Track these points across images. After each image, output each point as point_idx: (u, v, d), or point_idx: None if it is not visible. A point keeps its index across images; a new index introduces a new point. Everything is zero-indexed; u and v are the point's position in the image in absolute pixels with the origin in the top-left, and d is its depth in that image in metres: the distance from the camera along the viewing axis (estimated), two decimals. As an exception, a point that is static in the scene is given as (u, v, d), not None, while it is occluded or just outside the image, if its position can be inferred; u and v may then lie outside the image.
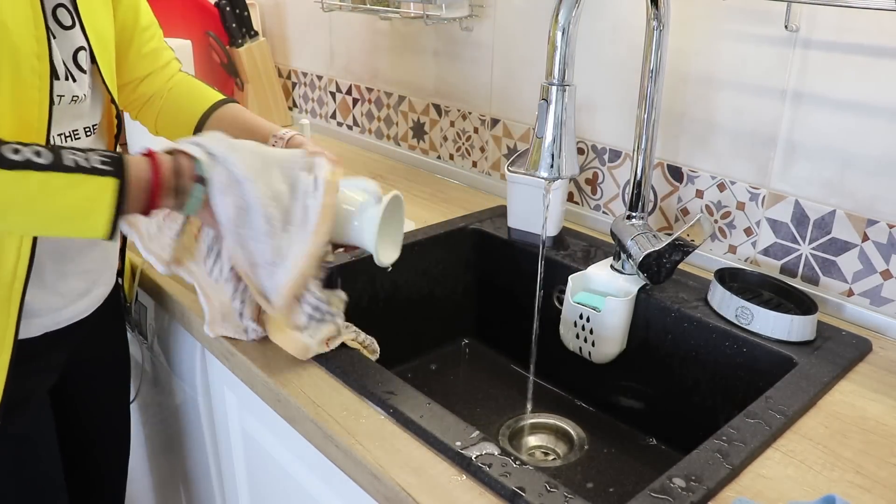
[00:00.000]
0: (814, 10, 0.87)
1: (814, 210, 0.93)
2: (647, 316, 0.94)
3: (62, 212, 0.65)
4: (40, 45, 0.71)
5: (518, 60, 1.23)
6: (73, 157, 0.64)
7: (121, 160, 0.66)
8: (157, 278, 0.98)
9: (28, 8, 0.70)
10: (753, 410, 0.71)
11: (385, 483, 0.64)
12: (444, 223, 1.16)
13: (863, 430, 0.71)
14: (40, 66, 0.71)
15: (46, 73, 0.72)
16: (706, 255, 1.04)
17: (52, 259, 0.80)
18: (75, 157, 0.64)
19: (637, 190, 0.96)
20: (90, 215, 0.65)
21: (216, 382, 0.96)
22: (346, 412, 0.72)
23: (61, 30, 0.76)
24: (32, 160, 0.63)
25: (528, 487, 0.60)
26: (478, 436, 0.66)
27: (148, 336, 1.09)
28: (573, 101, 0.82)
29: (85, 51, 0.79)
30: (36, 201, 0.64)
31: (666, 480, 0.62)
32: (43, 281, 0.79)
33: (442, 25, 1.33)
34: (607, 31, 1.09)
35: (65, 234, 0.70)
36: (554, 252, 1.07)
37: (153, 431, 1.20)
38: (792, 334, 0.83)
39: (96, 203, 0.65)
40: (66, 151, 0.65)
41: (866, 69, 0.85)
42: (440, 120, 1.41)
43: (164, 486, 1.25)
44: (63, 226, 0.67)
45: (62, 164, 0.63)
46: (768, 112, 0.94)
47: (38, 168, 0.63)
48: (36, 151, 0.63)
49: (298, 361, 0.79)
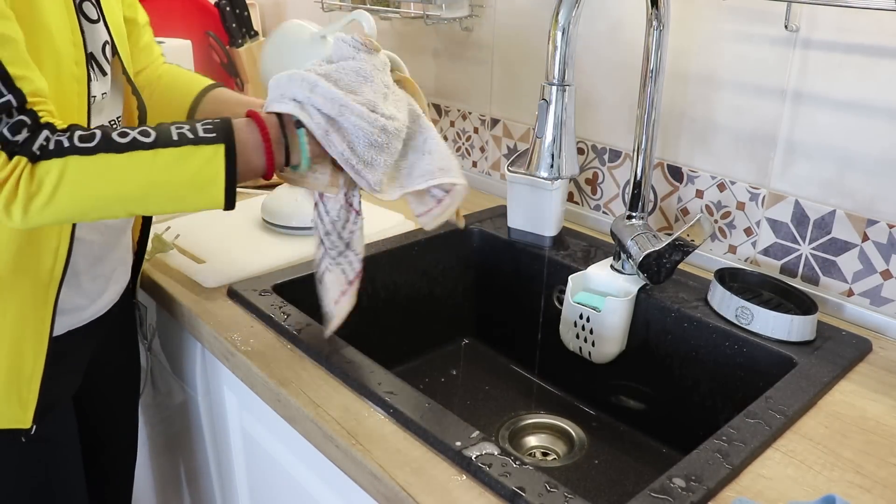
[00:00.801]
0: (814, 10, 0.87)
1: (814, 210, 0.93)
2: (647, 316, 0.94)
3: (178, 187, 0.65)
4: (77, 49, 0.71)
5: (518, 60, 1.23)
6: (178, 130, 0.65)
7: (226, 125, 0.66)
8: (158, 278, 0.98)
9: (64, 10, 0.70)
10: (753, 410, 0.71)
11: (385, 483, 0.64)
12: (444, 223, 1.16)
13: (863, 430, 0.71)
14: (79, 71, 0.71)
15: (84, 77, 0.72)
16: (706, 255, 1.04)
17: (88, 261, 0.80)
18: (181, 129, 0.65)
19: (637, 190, 0.96)
20: (206, 186, 0.65)
21: (216, 382, 0.96)
22: (346, 412, 0.72)
23: (88, 24, 0.76)
24: (139, 139, 0.63)
25: (528, 487, 0.60)
26: (478, 436, 0.66)
27: (148, 336, 1.09)
28: (573, 101, 0.82)
29: (108, 44, 0.80)
30: (151, 180, 0.64)
31: (666, 480, 0.62)
32: (79, 282, 0.80)
33: (442, 25, 1.33)
34: (607, 31, 1.09)
35: (187, 208, 0.69)
36: (554, 252, 1.07)
37: (154, 431, 1.20)
38: (792, 334, 0.83)
39: (209, 172, 0.65)
40: (173, 126, 0.65)
41: (866, 69, 0.85)
42: (440, 120, 1.41)
43: (167, 485, 1.25)
44: (182, 200, 0.67)
45: (170, 139, 0.64)
46: (768, 112, 0.94)
47: (146, 147, 0.63)
48: (142, 131, 0.64)
49: (298, 361, 0.79)
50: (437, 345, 1.16)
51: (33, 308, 0.74)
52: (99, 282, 0.84)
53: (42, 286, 0.74)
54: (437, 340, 1.16)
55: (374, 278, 1.05)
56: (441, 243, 1.13)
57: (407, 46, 1.43)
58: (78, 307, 0.81)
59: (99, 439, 0.98)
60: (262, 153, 0.68)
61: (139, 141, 0.63)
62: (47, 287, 0.74)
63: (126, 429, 1.04)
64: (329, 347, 0.80)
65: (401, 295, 1.09)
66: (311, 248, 1.04)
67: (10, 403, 0.75)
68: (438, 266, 1.13)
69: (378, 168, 0.71)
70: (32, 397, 0.76)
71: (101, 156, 0.62)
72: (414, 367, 1.11)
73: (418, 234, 1.11)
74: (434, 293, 1.14)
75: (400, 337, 1.10)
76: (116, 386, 1.00)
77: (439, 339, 1.16)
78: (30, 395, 0.76)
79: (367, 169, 0.70)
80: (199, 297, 0.93)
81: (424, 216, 0.78)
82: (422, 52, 1.41)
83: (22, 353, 0.74)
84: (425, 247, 1.10)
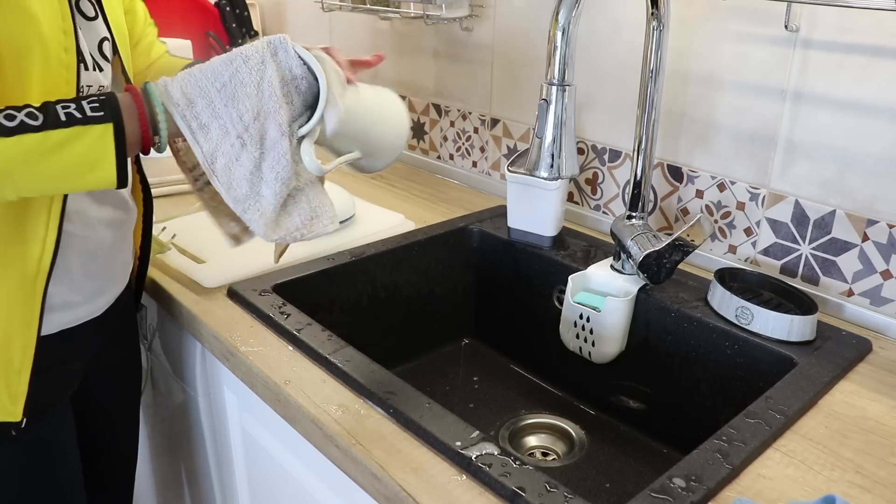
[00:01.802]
0: (814, 10, 0.87)
1: (814, 210, 0.93)
2: (647, 316, 0.94)
3: (69, 168, 0.64)
4: (67, 37, 0.71)
5: (518, 60, 1.23)
6: (65, 110, 0.64)
7: (111, 101, 0.66)
8: (158, 278, 0.98)
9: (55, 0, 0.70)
10: (753, 410, 0.71)
11: (385, 483, 0.64)
12: (444, 223, 1.16)
13: (863, 430, 0.71)
14: (68, 57, 0.71)
15: (74, 64, 0.72)
16: (706, 255, 1.04)
17: (81, 257, 0.80)
18: (67, 109, 0.64)
19: (637, 190, 0.96)
20: (96, 166, 0.65)
21: (216, 382, 0.96)
22: (346, 412, 0.72)
23: (85, 21, 0.77)
24: (27, 122, 0.62)
25: (528, 487, 0.60)
26: (478, 436, 0.66)
27: (148, 336, 1.09)
28: (573, 101, 0.82)
29: (108, 41, 0.80)
30: (41, 163, 0.63)
31: (666, 480, 0.62)
32: (71, 278, 0.80)
33: (442, 25, 1.33)
34: (607, 32, 1.09)
35: (78, 189, 0.69)
36: (554, 252, 1.07)
37: (154, 431, 1.20)
38: (792, 334, 0.83)
39: (99, 152, 0.64)
40: (59, 106, 0.64)
41: (866, 69, 0.85)
42: (440, 120, 1.41)
43: (167, 485, 1.25)
44: (73, 182, 0.66)
45: (58, 121, 0.63)
46: (768, 112, 0.94)
47: (34, 130, 0.62)
48: (29, 113, 0.63)
49: (298, 361, 0.79)
50: (437, 345, 1.16)
51: (21, 298, 0.74)
52: (94, 280, 0.83)
53: (30, 276, 0.74)
54: (437, 340, 1.16)
55: (374, 278, 1.05)
56: (441, 243, 1.13)
57: (407, 46, 1.43)
58: (70, 304, 0.81)
59: (100, 441, 0.98)
60: (137, 128, 0.67)
61: (27, 124, 0.62)
62: (35, 277, 0.74)
63: (127, 430, 1.04)
64: (329, 347, 0.80)
65: (401, 295, 1.09)
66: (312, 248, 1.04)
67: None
68: (438, 266, 1.13)
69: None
70: (22, 389, 0.76)
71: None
72: (414, 367, 1.11)
73: (418, 234, 1.11)
74: (434, 293, 1.14)
75: (400, 337, 1.10)
76: (118, 387, 0.99)
77: (439, 339, 1.16)
78: (19, 387, 0.75)
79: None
80: (199, 297, 0.93)
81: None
82: (422, 53, 1.41)
83: (10, 343, 0.74)
84: (425, 247, 1.11)
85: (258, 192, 0.67)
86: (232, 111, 0.66)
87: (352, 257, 1.02)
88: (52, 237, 0.74)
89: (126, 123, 0.65)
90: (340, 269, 1.01)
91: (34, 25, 0.68)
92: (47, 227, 0.73)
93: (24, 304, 0.74)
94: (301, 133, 0.69)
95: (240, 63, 0.66)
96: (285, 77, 0.67)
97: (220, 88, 0.66)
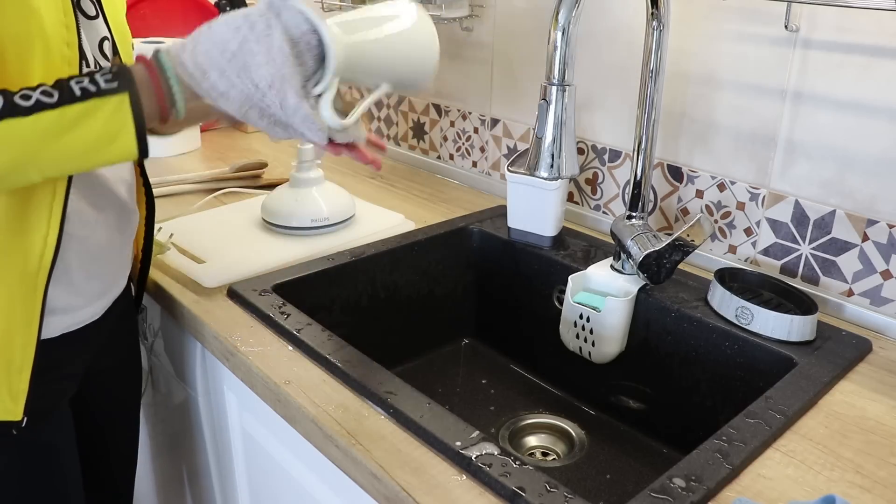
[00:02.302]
0: (814, 10, 0.87)
1: (814, 210, 0.93)
2: (647, 316, 0.94)
3: (89, 142, 0.64)
4: (69, 32, 0.71)
5: (518, 60, 1.23)
6: (80, 85, 0.64)
7: (125, 72, 0.65)
8: (158, 278, 0.98)
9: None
10: (753, 410, 0.71)
11: (385, 483, 0.64)
12: (444, 223, 1.16)
13: (863, 430, 0.71)
14: (70, 52, 0.71)
15: (76, 59, 0.72)
16: (706, 255, 1.04)
17: (79, 258, 0.80)
18: (81, 83, 0.64)
19: (637, 190, 0.96)
20: (117, 137, 0.65)
21: (216, 382, 0.96)
22: (346, 412, 0.72)
23: (85, 19, 0.77)
24: (42, 101, 0.62)
25: (528, 487, 0.60)
26: (478, 436, 0.66)
27: (149, 336, 1.09)
28: (573, 101, 0.82)
29: (108, 41, 0.80)
30: (61, 139, 0.63)
31: (666, 480, 0.62)
32: (70, 280, 0.80)
33: (442, 25, 1.33)
34: (607, 32, 1.09)
35: (102, 163, 0.68)
36: (554, 252, 1.07)
37: (155, 431, 1.21)
38: (792, 334, 0.83)
39: (118, 123, 0.64)
40: (73, 81, 0.64)
41: (866, 69, 0.85)
42: (440, 120, 1.41)
43: (167, 485, 1.25)
44: (96, 156, 0.66)
45: (73, 96, 0.63)
46: (768, 112, 0.94)
47: (51, 107, 0.62)
48: (44, 91, 0.63)
49: (298, 361, 0.79)
50: (437, 345, 1.16)
51: (22, 296, 0.74)
52: (95, 282, 0.83)
53: (31, 274, 0.73)
54: (437, 340, 1.16)
55: (374, 278, 1.05)
56: (441, 243, 1.13)
57: (407, 46, 1.43)
58: (72, 307, 0.81)
59: (100, 443, 0.98)
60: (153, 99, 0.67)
61: (42, 102, 0.62)
62: (36, 275, 0.74)
63: (127, 432, 1.04)
64: (329, 347, 0.80)
65: (401, 295, 1.09)
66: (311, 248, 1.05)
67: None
68: (438, 266, 1.13)
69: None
70: (23, 388, 0.75)
71: (6, 121, 0.62)
72: (414, 367, 1.11)
73: (418, 233, 1.11)
74: (434, 293, 1.14)
75: (400, 337, 1.10)
76: (117, 390, 0.99)
77: (439, 339, 1.16)
78: (20, 386, 0.75)
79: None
80: (200, 298, 0.93)
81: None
82: (422, 52, 1.40)
83: (11, 342, 0.74)
84: (425, 247, 1.11)
85: (301, 133, 0.69)
86: (247, 80, 0.65)
87: (352, 257, 1.02)
88: (54, 234, 0.74)
89: (142, 93, 0.65)
90: (340, 269, 1.01)
91: (36, 19, 0.68)
92: (49, 224, 0.73)
93: (25, 302, 0.74)
94: (316, 92, 0.68)
95: (246, 31, 0.65)
96: (294, 37, 0.66)
97: (230, 59, 0.65)
